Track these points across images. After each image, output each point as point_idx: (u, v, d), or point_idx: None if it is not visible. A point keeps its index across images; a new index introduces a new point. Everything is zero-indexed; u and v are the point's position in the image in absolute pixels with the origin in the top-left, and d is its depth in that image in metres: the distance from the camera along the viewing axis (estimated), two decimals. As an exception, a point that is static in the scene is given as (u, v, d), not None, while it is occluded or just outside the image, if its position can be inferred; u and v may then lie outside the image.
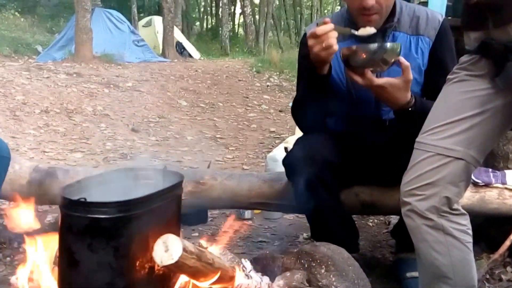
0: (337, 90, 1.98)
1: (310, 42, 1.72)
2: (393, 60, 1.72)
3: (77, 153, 4.70)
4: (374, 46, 1.71)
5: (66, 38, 11.51)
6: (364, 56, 1.71)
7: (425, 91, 1.96)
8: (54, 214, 2.52)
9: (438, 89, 1.56)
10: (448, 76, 1.53)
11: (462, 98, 1.45)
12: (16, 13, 17.26)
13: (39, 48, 12.47)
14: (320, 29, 1.69)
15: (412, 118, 1.78)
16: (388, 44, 1.73)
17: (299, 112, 2.07)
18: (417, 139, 1.52)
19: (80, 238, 1.26)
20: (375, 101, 1.91)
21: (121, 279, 1.27)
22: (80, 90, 7.04)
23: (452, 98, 1.48)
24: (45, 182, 2.40)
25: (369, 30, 1.84)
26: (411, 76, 1.74)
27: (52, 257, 1.42)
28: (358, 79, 1.74)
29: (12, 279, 1.48)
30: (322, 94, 1.92)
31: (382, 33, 1.94)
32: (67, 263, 1.28)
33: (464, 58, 1.49)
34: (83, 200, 1.23)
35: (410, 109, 1.79)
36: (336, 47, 1.70)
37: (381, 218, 2.98)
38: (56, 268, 1.40)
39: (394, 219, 2.70)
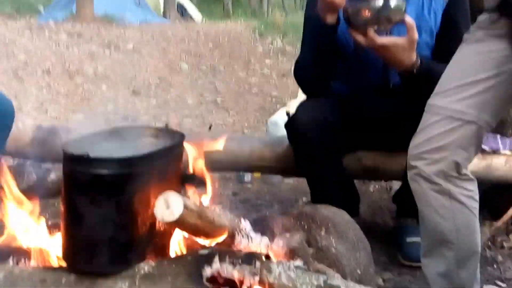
0: (344, 52, 1.94)
1: None
2: (398, 19, 1.67)
3: (79, 114, 4.69)
4: (378, 3, 1.66)
5: (67, -3, 11.33)
6: (368, 14, 1.67)
7: (436, 55, 1.91)
8: (57, 172, 2.53)
9: (449, 52, 1.52)
10: (464, 36, 1.48)
11: (478, 59, 1.41)
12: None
13: (41, 8, 12.29)
14: None
15: (417, 81, 1.76)
16: (393, 2, 1.66)
17: (302, 73, 2.04)
18: (428, 102, 1.49)
19: (83, 193, 1.26)
20: (383, 64, 1.87)
21: (123, 234, 1.28)
22: (82, 51, 6.97)
23: (467, 59, 1.44)
24: (47, 140, 2.43)
25: None
26: (416, 35, 1.69)
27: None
28: (360, 38, 1.70)
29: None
30: (328, 51, 1.88)
31: None
32: (71, 217, 1.29)
33: (481, 17, 1.44)
34: (85, 155, 1.23)
35: (415, 71, 1.75)
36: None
37: (383, 184, 2.98)
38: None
39: (395, 185, 2.70)
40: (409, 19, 1.67)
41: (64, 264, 1.34)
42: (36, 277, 1.29)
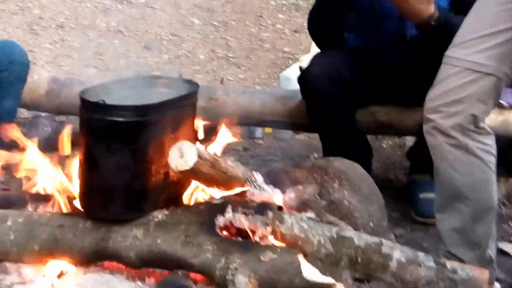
0: (359, 3, 1.88)
1: None
2: None
3: (92, 68, 4.65)
4: None
5: (78, -49, 11.11)
6: None
7: (455, 6, 1.85)
8: (71, 124, 2.52)
9: (468, 3, 1.46)
10: None
11: (498, 9, 1.35)
12: None
13: (53, -38, 12.07)
14: None
15: (435, 34, 1.69)
16: None
17: (316, 25, 1.99)
18: (446, 53, 1.44)
19: (99, 140, 1.26)
20: (399, 16, 1.81)
21: (138, 182, 1.28)
22: (94, 6, 6.86)
23: (486, 10, 1.38)
24: (62, 92, 2.42)
25: None
26: None
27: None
28: None
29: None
30: (341, 4, 1.83)
31: None
32: (88, 164, 1.29)
33: None
34: (102, 102, 1.22)
35: (433, 23, 1.68)
36: None
37: (396, 140, 2.94)
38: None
39: (409, 141, 2.66)
40: None
41: (81, 210, 1.35)
42: (54, 222, 1.31)
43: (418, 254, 1.19)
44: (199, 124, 1.53)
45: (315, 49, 2.23)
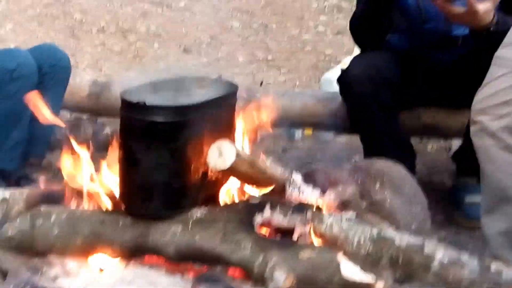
0: (403, 2, 1.88)
1: None
2: None
3: (132, 71, 4.78)
4: None
5: (119, -44, 11.42)
6: None
7: (505, 6, 1.82)
8: (111, 127, 2.61)
9: None
10: None
11: None
12: None
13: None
14: None
15: (490, 37, 1.67)
16: None
17: (359, 27, 2.00)
18: (495, 54, 1.43)
19: (139, 139, 1.31)
20: (444, 15, 1.80)
21: (177, 180, 1.33)
22: (134, 10, 7.04)
23: None
24: (103, 94, 2.51)
25: None
26: None
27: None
28: (454, 8, 1.61)
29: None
30: (386, 5, 1.83)
31: None
32: (128, 162, 1.35)
33: None
34: (142, 103, 1.26)
35: (491, 28, 1.66)
36: None
37: (441, 143, 2.90)
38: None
39: (455, 145, 2.62)
40: None
41: (121, 207, 1.41)
42: (95, 218, 1.38)
43: (461, 254, 1.19)
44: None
45: (357, 52, 2.23)
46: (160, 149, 1.30)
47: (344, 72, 1.98)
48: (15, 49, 2.22)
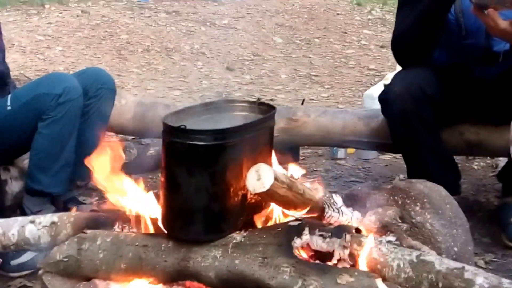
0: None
1: None
2: None
3: (176, 90, 4.90)
4: None
5: (165, -24, 11.73)
6: None
7: None
8: (155, 148, 2.69)
9: None
10: None
11: None
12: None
13: (141, -12, 12.81)
14: None
15: None
16: None
17: (402, 44, 1.97)
18: None
19: (180, 163, 1.36)
20: (486, 31, 1.78)
21: (217, 204, 1.37)
22: (179, 29, 7.24)
23: None
24: (147, 116, 2.58)
25: None
26: None
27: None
28: (500, 22, 1.61)
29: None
30: (437, 24, 1.81)
31: None
32: (169, 186, 1.40)
33: None
34: (183, 127, 1.31)
35: None
36: None
37: (488, 161, 2.84)
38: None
39: (502, 162, 2.57)
40: None
41: (163, 230, 1.45)
42: (138, 242, 1.43)
43: (502, 280, 1.17)
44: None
45: (400, 67, 2.22)
46: (200, 173, 1.34)
47: (385, 90, 1.98)
48: (61, 73, 2.31)
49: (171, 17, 7.85)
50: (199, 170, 1.34)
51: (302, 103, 2.87)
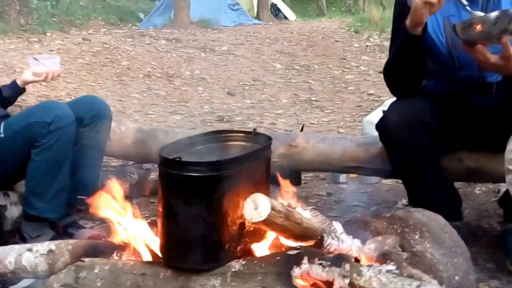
0: (436, 51, 1.89)
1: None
2: None
3: (177, 115, 4.92)
4: (492, 16, 1.57)
5: (166, 4, 11.88)
6: (481, 29, 1.59)
7: None
8: (157, 172, 2.68)
9: None
10: None
11: None
12: (121, -18, 18.02)
13: (142, 15, 12.98)
14: None
15: None
16: (510, 13, 1.56)
17: (391, 75, 2.01)
18: None
19: (177, 193, 1.35)
20: (478, 63, 1.79)
21: (215, 233, 1.36)
22: (179, 55, 7.31)
23: None
24: (147, 142, 2.59)
25: None
26: None
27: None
28: (474, 53, 1.63)
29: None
30: (415, 56, 1.84)
31: None
32: (167, 216, 1.39)
33: None
34: (178, 159, 1.32)
35: None
36: (442, 2, 1.62)
37: (490, 186, 2.83)
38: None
39: (503, 187, 2.55)
40: None
41: (161, 259, 1.44)
42: (137, 270, 1.41)
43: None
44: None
45: (397, 94, 2.23)
46: (197, 203, 1.34)
47: (382, 118, 1.99)
48: (53, 102, 2.33)
49: (172, 44, 7.94)
50: (195, 200, 1.34)
51: (302, 129, 2.88)
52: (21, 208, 2.15)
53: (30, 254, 1.57)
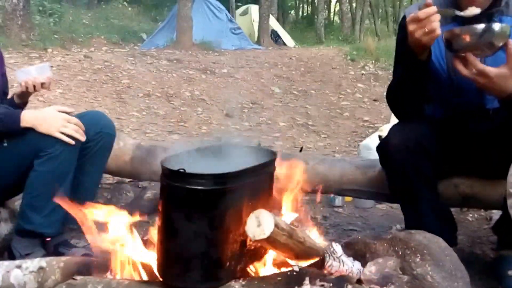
0: (437, 75, 1.88)
1: (411, 27, 1.64)
2: (501, 44, 1.57)
3: (175, 135, 4.89)
4: (480, 27, 1.57)
5: (168, 26, 11.97)
6: (468, 39, 1.59)
7: None
8: (153, 191, 2.63)
9: None
10: None
11: None
12: (124, 3, 18.19)
13: (144, 36, 13.07)
14: (423, 12, 1.60)
15: None
16: (497, 26, 1.57)
17: (395, 98, 1.99)
18: None
19: (178, 207, 1.30)
20: (477, 88, 1.78)
21: (215, 250, 1.30)
22: (180, 76, 7.32)
23: None
24: (146, 159, 2.53)
25: (473, 11, 1.70)
26: None
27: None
28: (462, 68, 1.62)
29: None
30: (420, 80, 1.83)
31: (488, 18, 1.81)
32: (166, 231, 1.33)
33: None
34: (182, 171, 1.26)
35: None
36: (439, 31, 1.61)
37: (482, 213, 2.81)
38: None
39: (495, 214, 2.54)
40: None
41: (159, 278, 1.38)
42: (131, 290, 1.34)
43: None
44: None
45: (395, 119, 2.22)
46: (199, 218, 1.28)
47: (383, 141, 1.96)
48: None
49: (173, 64, 7.96)
50: (198, 215, 1.28)
51: (301, 151, 2.86)
52: (11, 225, 2.06)
53: (19, 272, 1.48)
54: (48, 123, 1.88)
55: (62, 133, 1.88)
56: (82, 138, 1.92)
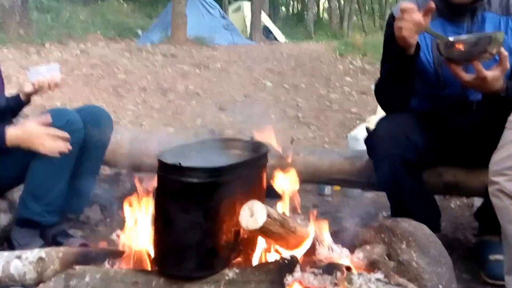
0: (423, 69, 1.88)
1: (399, 22, 1.64)
2: (495, 51, 1.56)
3: (170, 127, 4.86)
4: (475, 36, 1.57)
5: (163, 22, 11.89)
6: (462, 49, 1.58)
7: None
8: (149, 182, 2.62)
9: None
10: None
11: None
12: (121, -1, 18.08)
13: (139, 32, 12.97)
14: (407, 6, 1.60)
15: (501, 102, 1.67)
16: (491, 34, 1.57)
17: (383, 93, 2.00)
18: (509, 118, 1.41)
19: (174, 199, 1.29)
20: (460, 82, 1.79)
21: (210, 240, 1.30)
22: (174, 71, 7.28)
23: None
24: (142, 151, 2.52)
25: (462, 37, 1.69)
26: (508, 65, 1.61)
27: (149, 218, 1.47)
28: (463, 75, 1.63)
29: (113, 237, 1.54)
30: (407, 75, 1.83)
31: (471, 12, 1.82)
32: (162, 222, 1.33)
33: None
34: (177, 164, 1.26)
35: (502, 94, 1.67)
36: (424, 22, 1.61)
37: (464, 200, 2.83)
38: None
39: (477, 201, 2.56)
40: (503, 50, 1.59)
41: (155, 267, 1.38)
42: (129, 279, 1.34)
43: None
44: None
45: (381, 111, 2.23)
46: (194, 209, 1.28)
47: (371, 134, 1.97)
48: (63, 108, 2.24)
49: (167, 59, 7.90)
50: (193, 207, 1.28)
51: (292, 142, 2.85)
52: (10, 216, 2.04)
53: (19, 262, 1.47)
54: (31, 141, 1.85)
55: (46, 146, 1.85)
56: (65, 149, 1.89)
